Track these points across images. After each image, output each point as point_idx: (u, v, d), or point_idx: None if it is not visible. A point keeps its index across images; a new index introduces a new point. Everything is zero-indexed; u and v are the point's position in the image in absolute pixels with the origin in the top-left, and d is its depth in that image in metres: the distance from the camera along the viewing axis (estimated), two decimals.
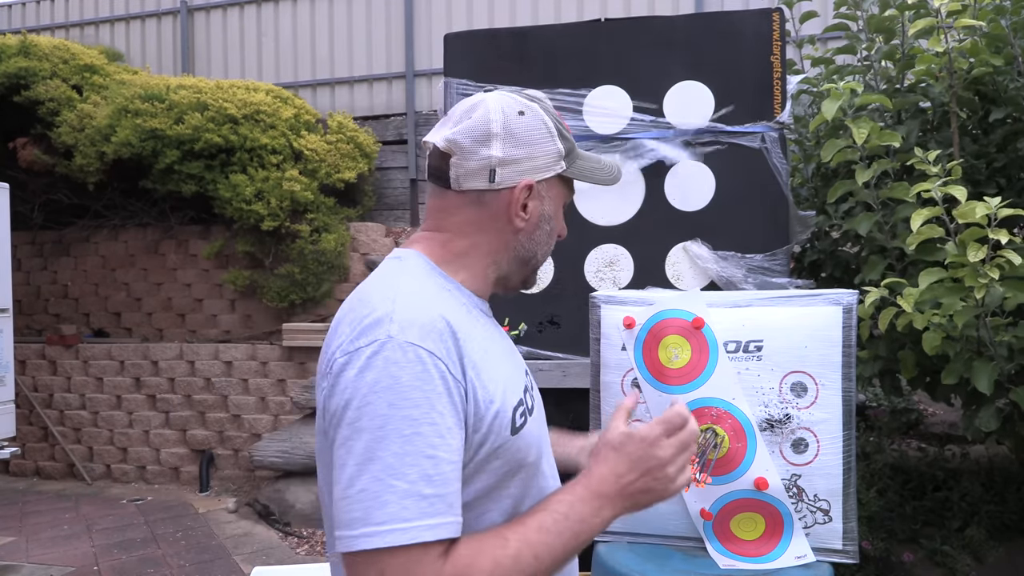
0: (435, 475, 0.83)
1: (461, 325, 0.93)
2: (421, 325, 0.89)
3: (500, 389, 0.94)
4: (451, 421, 0.87)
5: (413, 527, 0.81)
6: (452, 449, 0.86)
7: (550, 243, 1.10)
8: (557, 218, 1.09)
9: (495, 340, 1.03)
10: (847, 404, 1.66)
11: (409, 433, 0.83)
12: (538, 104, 1.05)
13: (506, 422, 0.93)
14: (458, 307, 0.98)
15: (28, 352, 6.17)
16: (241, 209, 5.53)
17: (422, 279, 0.99)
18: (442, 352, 0.88)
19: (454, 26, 6.61)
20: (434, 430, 0.85)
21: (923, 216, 1.96)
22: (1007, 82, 2.36)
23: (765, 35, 2.29)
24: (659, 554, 1.72)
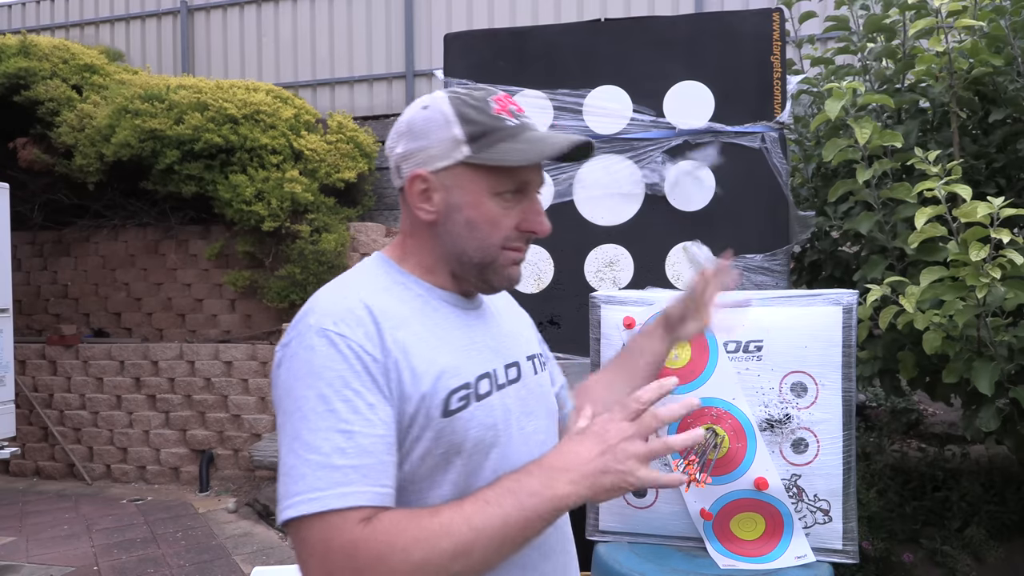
0: (348, 448, 0.88)
1: (394, 311, 0.97)
2: (336, 312, 0.94)
3: (434, 371, 0.95)
4: (372, 398, 0.91)
5: (324, 495, 0.86)
6: (372, 423, 0.90)
7: (476, 237, 1.03)
8: (476, 208, 1.02)
9: (452, 328, 1.03)
10: (847, 404, 1.66)
11: (323, 410, 0.89)
12: (448, 95, 1.04)
13: (436, 403, 0.94)
14: (408, 296, 1.02)
15: (28, 352, 6.17)
16: (241, 209, 5.53)
17: (368, 275, 1.04)
18: (358, 335, 0.93)
19: (454, 26, 6.61)
20: (348, 406, 0.89)
21: (926, 215, 1.96)
22: (1007, 82, 2.36)
23: (765, 35, 2.29)
24: (659, 554, 1.72)
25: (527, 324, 1.25)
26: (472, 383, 0.99)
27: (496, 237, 1.03)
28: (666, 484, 0.91)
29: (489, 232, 1.03)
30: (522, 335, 1.19)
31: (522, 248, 1.06)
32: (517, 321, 1.21)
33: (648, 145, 2.34)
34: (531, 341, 1.21)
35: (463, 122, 1.01)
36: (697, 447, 1.68)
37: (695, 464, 1.68)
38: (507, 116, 1.03)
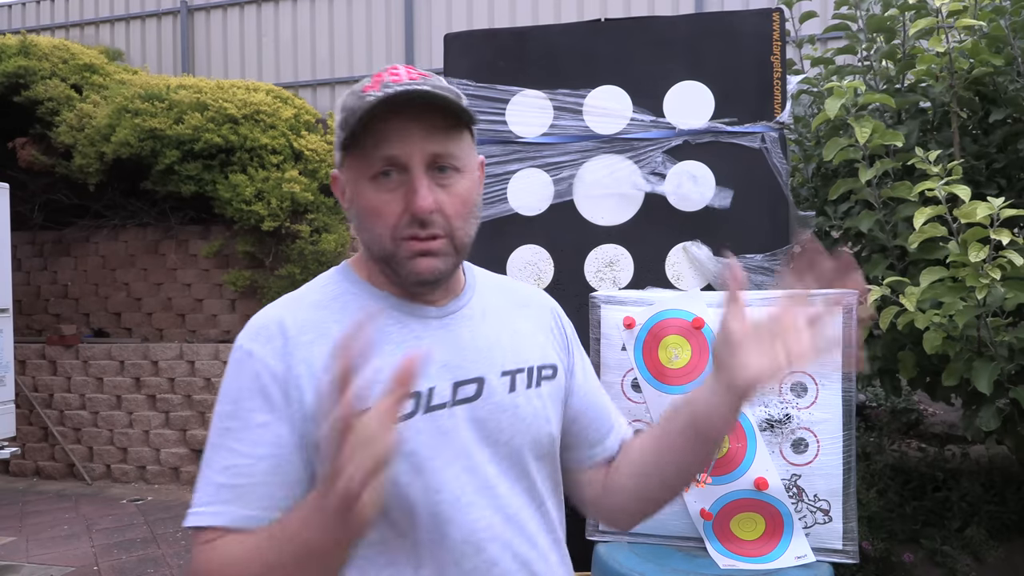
0: (230, 467, 0.89)
1: (316, 326, 0.93)
2: (252, 329, 0.95)
3: None
4: (264, 417, 0.90)
5: (200, 512, 0.89)
6: (258, 443, 0.89)
7: (367, 228, 0.95)
8: (359, 197, 0.94)
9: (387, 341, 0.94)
10: (847, 404, 1.66)
11: (221, 428, 0.91)
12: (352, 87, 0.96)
13: None
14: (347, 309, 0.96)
15: (28, 352, 6.17)
16: (241, 209, 5.53)
17: (316, 286, 1.01)
18: (263, 352, 0.92)
19: (454, 26, 6.61)
20: (239, 424, 0.90)
21: (925, 215, 1.96)
22: (1007, 82, 2.36)
23: (765, 35, 2.29)
24: (659, 554, 1.72)
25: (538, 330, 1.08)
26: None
27: (382, 227, 0.93)
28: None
29: (374, 222, 0.93)
30: (520, 344, 1.04)
31: (419, 236, 0.92)
32: (521, 328, 1.06)
33: (648, 145, 2.34)
34: (535, 349, 1.05)
35: (341, 111, 0.95)
36: None
37: None
38: (372, 91, 0.91)
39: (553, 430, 1.03)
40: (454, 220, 0.94)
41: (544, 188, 2.37)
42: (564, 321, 1.15)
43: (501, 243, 2.36)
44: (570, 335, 1.15)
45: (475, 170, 1.01)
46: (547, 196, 2.38)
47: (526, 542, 0.97)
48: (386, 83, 0.91)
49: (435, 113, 0.92)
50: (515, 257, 2.40)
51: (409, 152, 0.91)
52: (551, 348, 1.08)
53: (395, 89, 0.89)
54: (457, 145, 0.95)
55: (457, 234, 0.95)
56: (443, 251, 0.94)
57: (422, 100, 0.90)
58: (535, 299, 1.14)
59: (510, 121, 2.36)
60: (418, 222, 0.91)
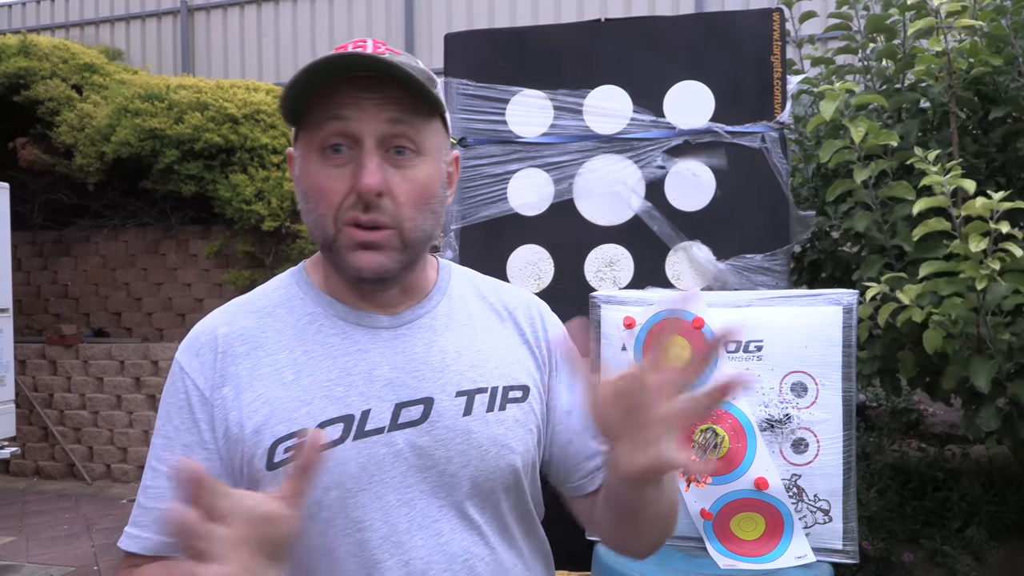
0: (151, 487, 0.85)
1: (253, 336, 0.86)
2: (188, 339, 0.90)
3: (265, 412, 0.82)
4: (190, 438, 0.85)
5: (125, 532, 0.86)
6: None
7: (309, 210, 0.84)
8: (305, 174, 0.84)
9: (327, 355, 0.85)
10: (847, 404, 1.66)
11: (152, 443, 0.87)
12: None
13: (260, 451, 0.81)
14: (294, 316, 0.88)
15: (28, 352, 6.17)
16: (241, 209, 5.54)
17: (265, 290, 0.93)
18: (192, 367, 0.86)
19: (454, 26, 6.61)
20: (165, 443, 0.86)
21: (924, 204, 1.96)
22: (1007, 82, 2.36)
23: (765, 35, 2.29)
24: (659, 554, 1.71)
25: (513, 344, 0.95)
26: (309, 431, 0.81)
27: (324, 207, 0.82)
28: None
29: (317, 201, 0.83)
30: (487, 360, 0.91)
31: (360, 221, 0.81)
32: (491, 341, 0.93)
33: (648, 145, 2.34)
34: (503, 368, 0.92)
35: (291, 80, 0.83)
36: (697, 447, 1.68)
37: None
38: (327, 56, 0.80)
39: (517, 460, 0.89)
40: (404, 208, 0.82)
41: (544, 188, 2.37)
42: (549, 328, 1.01)
43: (501, 243, 2.36)
44: (554, 343, 1.00)
45: (441, 161, 0.88)
46: (547, 196, 2.38)
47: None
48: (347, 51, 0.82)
49: (397, 88, 0.81)
50: (515, 257, 2.40)
51: (361, 122, 0.80)
52: (525, 365, 0.95)
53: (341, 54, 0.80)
54: (421, 126, 0.84)
55: (406, 226, 0.83)
56: (388, 245, 0.82)
57: (380, 70, 0.79)
58: (520, 307, 1.00)
59: (510, 121, 2.37)
60: (362, 203, 0.80)
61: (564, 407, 0.97)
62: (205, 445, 0.84)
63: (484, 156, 2.31)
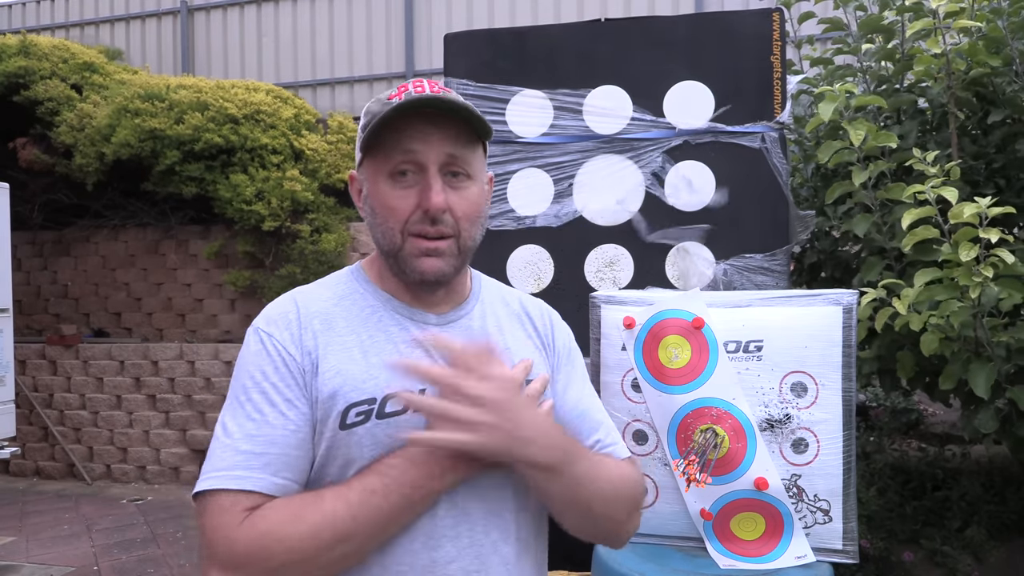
0: (256, 435, 0.91)
1: (328, 317, 0.99)
2: (270, 315, 1.00)
3: (339, 381, 0.95)
4: (290, 393, 0.94)
5: (221, 475, 0.89)
6: (285, 417, 0.93)
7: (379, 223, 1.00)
8: (376, 194, 1.00)
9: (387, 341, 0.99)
10: (847, 404, 1.66)
11: (243, 399, 0.94)
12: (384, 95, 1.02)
13: (334, 413, 0.94)
14: (358, 306, 1.02)
15: (28, 352, 6.17)
16: (241, 209, 5.54)
17: (331, 281, 1.07)
18: (283, 337, 0.97)
19: (454, 26, 6.61)
20: (264, 397, 0.93)
21: (914, 215, 1.96)
22: (1005, 83, 2.36)
23: (765, 35, 2.29)
24: (659, 554, 1.72)
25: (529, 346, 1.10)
26: (378, 399, 0.95)
27: (394, 221, 0.99)
28: None
29: (387, 217, 0.99)
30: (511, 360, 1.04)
31: (427, 233, 0.98)
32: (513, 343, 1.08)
33: (648, 145, 2.34)
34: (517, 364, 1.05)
35: (365, 114, 1.02)
36: (697, 447, 1.69)
37: (695, 464, 1.69)
38: (395, 99, 0.99)
39: None
40: (463, 222, 1.00)
41: (544, 188, 2.38)
42: (557, 333, 1.16)
43: (501, 243, 2.36)
44: (560, 347, 1.15)
45: (485, 182, 1.06)
46: (547, 196, 2.38)
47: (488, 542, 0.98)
48: (410, 93, 0.98)
49: (453, 121, 0.98)
50: (515, 257, 2.40)
51: (427, 152, 0.97)
52: (539, 366, 1.09)
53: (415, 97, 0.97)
54: (471, 154, 1.01)
55: (463, 236, 1.00)
56: (449, 252, 1.00)
57: (443, 107, 0.97)
58: (535, 312, 1.16)
59: (510, 121, 2.37)
60: (429, 219, 0.97)
61: (561, 396, 1.10)
62: (303, 400, 0.94)
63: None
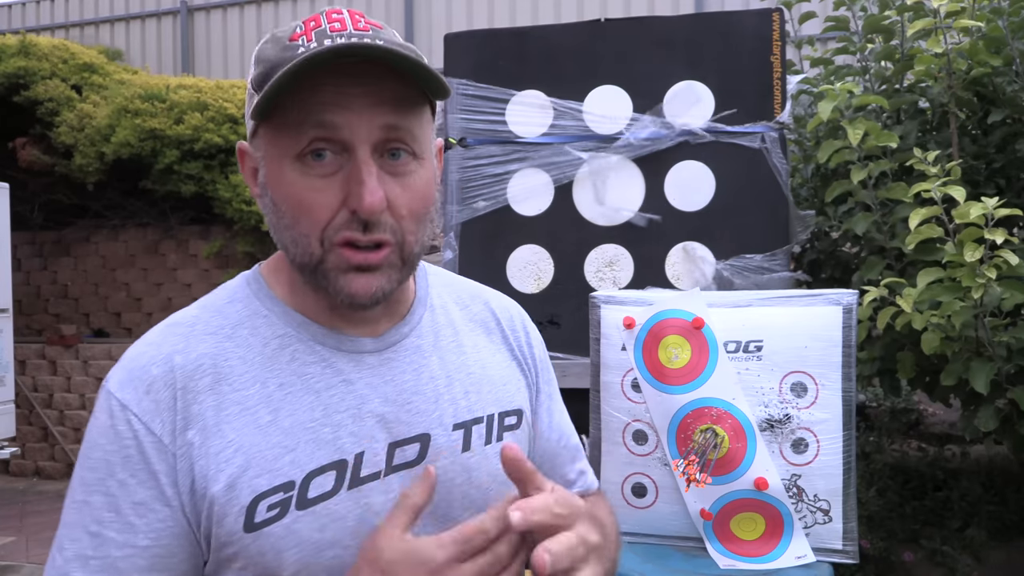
0: (93, 557, 0.67)
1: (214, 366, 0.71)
2: (130, 370, 0.72)
3: (239, 463, 0.69)
4: (142, 494, 0.68)
5: None
6: (133, 528, 0.68)
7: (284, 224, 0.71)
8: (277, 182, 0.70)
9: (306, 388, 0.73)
10: (847, 404, 1.66)
11: (80, 500, 0.70)
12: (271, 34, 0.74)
13: (234, 511, 0.68)
14: (261, 338, 0.74)
15: (28, 352, 6.17)
16: (241, 209, 5.54)
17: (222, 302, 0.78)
18: (143, 407, 0.69)
19: (454, 26, 6.61)
20: (107, 502, 0.68)
21: (921, 215, 1.96)
22: (1006, 83, 2.36)
23: (765, 35, 2.29)
24: (659, 554, 1.72)
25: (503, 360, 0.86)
26: (297, 482, 0.69)
27: (309, 225, 0.69)
28: None
29: (298, 218, 0.70)
30: (480, 383, 0.82)
31: (358, 242, 0.69)
32: (482, 359, 0.84)
33: (648, 145, 2.34)
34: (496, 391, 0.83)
35: (255, 64, 0.71)
36: (697, 447, 1.69)
37: (695, 464, 1.69)
38: (305, 41, 0.68)
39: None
40: (407, 222, 0.71)
41: (544, 188, 2.38)
42: (533, 339, 0.92)
43: (501, 243, 2.36)
44: (539, 358, 0.91)
45: (434, 157, 0.77)
46: (547, 196, 2.38)
47: None
48: (324, 32, 0.68)
49: (391, 75, 0.68)
50: (515, 257, 2.40)
51: (353, 126, 0.67)
52: (517, 384, 0.86)
53: (337, 42, 0.66)
54: (417, 122, 0.71)
55: (408, 241, 0.72)
56: (388, 264, 0.72)
57: (375, 55, 0.66)
58: (504, 316, 0.90)
59: (510, 121, 2.37)
60: (360, 222, 0.69)
61: (545, 424, 0.91)
62: (167, 501, 0.69)
63: (484, 156, 2.32)
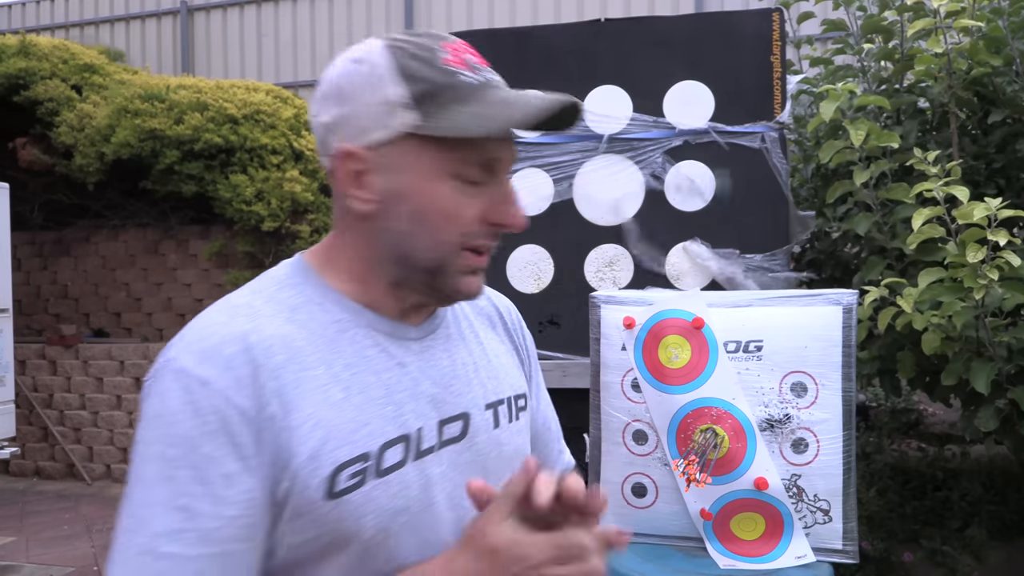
0: (186, 530, 0.67)
1: (288, 344, 0.74)
2: (203, 349, 0.72)
3: (317, 436, 0.72)
4: (229, 466, 0.69)
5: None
6: (223, 500, 0.69)
7: (426, 232, 0.77)
8: (425, 194, 0.76)
9: (368, 372, 0.78)
10: (847, 404, 1.66)
11: (164, 476, 0.69)
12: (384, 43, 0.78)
13: (316, 481, 0.71)
14: (320, 322, 0.78)
15: (28, 352, 6.17)
16: (241, 209, 5.54)
17: (273, 288, 0.80)
18: (224, 381, 0.70)
19: (454, 26, 6.61)
20: (194, 475, 0.68)
21: (924, 216, 1.96)
22: (1006, 83, 2.36)
23: (765, 35, 2.29)
24: (659, 554, 1.72)
25: (508, 349, 0.96)
26: (373, 453, 0.74)
27: (452, 233, 0.77)
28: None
29: (442, 226, 0.77)
30: (497, 369, 0.91)
31: (486, 249, 0.80)
32: (493, 348, 0.93)
33: (648, 145, 2.34)
34: (509, 376, 0.92)
35: (406, 79, 0.75)
36: (697, 447, 1.69)
37: (695, 464, 1.69)
38: (463, 70, 0.76)
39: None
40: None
41: (544, 188, 2.38)
42: (524, 331, 1.00)
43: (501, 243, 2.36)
44: (531, 349, 1.01)
45: None
46: (547, 196, 2.38)
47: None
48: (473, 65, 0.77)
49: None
50: (515, 257, 2.40)
51: (508, 158, 0.79)
52: (519, 371, 0.95)
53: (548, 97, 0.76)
54: None
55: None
56: (485, 269, 0.83)
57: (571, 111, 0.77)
58: (503, 310, 0.98)
59: None
60: (492, 233, 0.80)
61: (536, 408, 1.00)
62: (252, 472, 0.70)
63: None
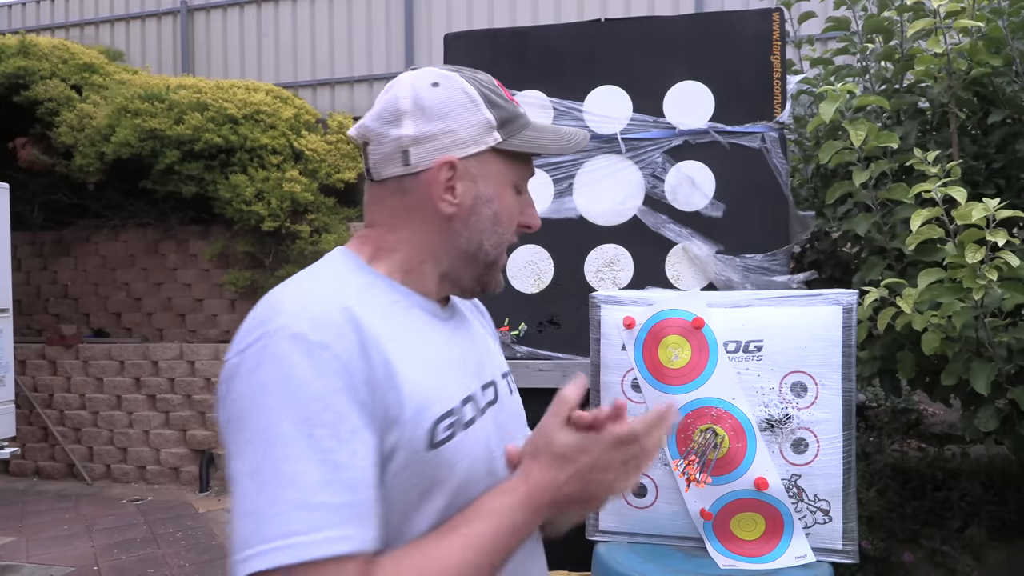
0: (332, 480, 0.73)
1: (375, 319, 0.83)
2: (312, 317, 0.78)
3: (418, 395, 0.82)
4: (355, 422, 0.76)
5: (308, 541, 0.71)
6: (356, 453, 0.76)
7: (498, 231, 0.95)
8: (501, 200, 0.95)
9: (433, 342, 0.91)
10: (847, 404, 1.66)
11: (299, 436, 0.74)
12: (458, 73, 0.95)
13: (420, 434, 0.81)
14: (384, 302, 0.88)
15: (28, 352, 6.17)
16: (241, 209, 5.54)
17: (337, 274, 0.90)
18: (341, 345, 0.77)
19: (454, 26, 6.61)
20: (330, 432, 0.74)
21: (923, 216, 1.96)
22: (1005, 83, 2.36)
23: (765, 35, 2.29)
24: (659, 554, 1.72)
25: (491, 334, 1.12)
26: (458, 408, 0.87)
27: (510, 232, 0.97)
28: None
29: (508, 226, 0.96)
30: (493, 349, 1.07)
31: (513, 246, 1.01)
32: (486, 332, 1.10)
33: (648, 145, 2.34)
34: (500, 355, 1.09)
35: (490, 105, 0.94)
36: (697, 447, 1.69)
37: (695, 464, 1.69)
38: (515, 105, 0.99)
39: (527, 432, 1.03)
40: None
41: (544, 188, 2.38)
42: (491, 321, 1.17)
43: None
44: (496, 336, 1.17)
45: None
46: (547, 196, 2.38)
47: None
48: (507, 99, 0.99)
49: None
50: (515, 257, 2.40)
51: (533, 173, 1.02)
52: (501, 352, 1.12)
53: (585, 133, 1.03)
54: None
55: None
56: None
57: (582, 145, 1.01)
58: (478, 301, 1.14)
59: None
60: (519, 236, 0.99)
61: None
62: (370, 427, 0.78)
63: None
